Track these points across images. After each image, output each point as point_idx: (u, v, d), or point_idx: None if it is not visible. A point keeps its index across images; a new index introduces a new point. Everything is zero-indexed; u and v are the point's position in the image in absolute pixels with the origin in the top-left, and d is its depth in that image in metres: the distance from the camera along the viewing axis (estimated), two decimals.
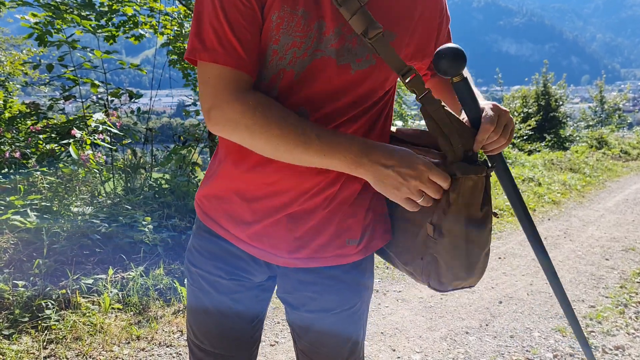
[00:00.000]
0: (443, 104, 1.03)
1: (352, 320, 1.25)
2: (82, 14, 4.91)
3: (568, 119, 16.82)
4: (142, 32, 5.56)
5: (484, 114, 1.05)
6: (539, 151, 12.84)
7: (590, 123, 19.37)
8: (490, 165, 1.06)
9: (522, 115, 14.63)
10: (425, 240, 1.09)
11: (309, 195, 1.11)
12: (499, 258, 4.67)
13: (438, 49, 1.03)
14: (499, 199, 6.85)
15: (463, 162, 1.02)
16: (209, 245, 1.22)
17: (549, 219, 6.33)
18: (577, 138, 15.72)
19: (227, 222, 1.18)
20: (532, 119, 13.87)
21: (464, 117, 1.10)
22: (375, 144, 1.00)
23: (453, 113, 1.04)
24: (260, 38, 1.02)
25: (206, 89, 1.01)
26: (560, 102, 16.15)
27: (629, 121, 20.81)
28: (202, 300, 1.23)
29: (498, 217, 1.22)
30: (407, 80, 1.02)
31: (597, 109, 20.10)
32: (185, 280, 1.32)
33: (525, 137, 13.58)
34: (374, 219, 1.20)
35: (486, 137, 1.04)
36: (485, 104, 1.08)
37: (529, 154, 12.03)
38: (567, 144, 14.92)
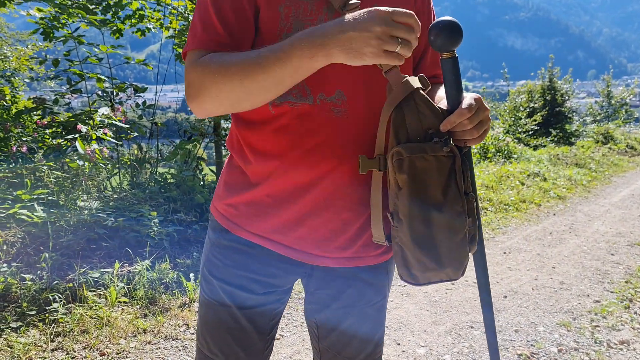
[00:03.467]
0: (409, 78, 0.99)
1: (378, 315, 1.27)
2: (89, 6, 4.91)
3: (574, 114, 16.73)
4: (149, 26, 5.56)
5: (465, 100, 0.99)
6: (544, 146, 12.79)
7: (597, 118, 19.26)
8: (455, 146, 1.00)
9: (527, 110, 14.54)
10: (392, 229, 1.04)
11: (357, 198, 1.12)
12: (504, 253, 4.66)
13: (434, 21, 0.99)
14: (504, 193, 6.84)
15: (415, 142, 0.98)
16: (235, 255, 1.19)
17: (554, 214, 6.32)
18: (583, 133, 15.64)
19: (260, 227, 1.16)
20: (538, 114, 13.79)
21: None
22: (321, 25, 0.91)
23: (424, 93, 1.00)
24: (250, 23, 1.05)
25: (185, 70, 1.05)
26: (566, 97, 16.05)
27: (635, 116, 20.68)
28: (221, 312, 1.20)
29: (471, 199, 1.04)
30: None
31: (603, 103, 19.98)
32: (199, 290, 1.30)
33: (530, 132, 13.52)
34: None
35: (458, 120, 0.98)
36: (469, 94, 1.02)
37: (534, 149, 11.99)
38: (573, 139, 14.85)
